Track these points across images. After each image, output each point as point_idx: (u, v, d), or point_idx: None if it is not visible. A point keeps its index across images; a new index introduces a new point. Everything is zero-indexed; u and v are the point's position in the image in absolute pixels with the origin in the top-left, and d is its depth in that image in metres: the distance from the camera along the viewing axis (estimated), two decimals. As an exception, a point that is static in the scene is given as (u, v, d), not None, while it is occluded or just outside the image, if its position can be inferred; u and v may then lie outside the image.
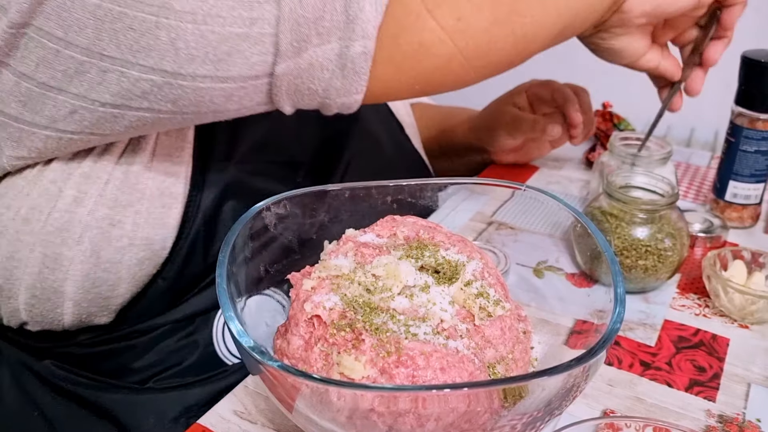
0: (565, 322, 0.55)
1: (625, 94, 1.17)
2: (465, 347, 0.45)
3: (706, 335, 0.62)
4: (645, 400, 0.54)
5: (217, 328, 0.64)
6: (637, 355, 0.59)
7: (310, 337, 0.44)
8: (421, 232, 0.54)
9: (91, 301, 0.58)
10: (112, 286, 0.58)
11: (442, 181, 0.59)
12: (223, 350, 0.64)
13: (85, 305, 0.58)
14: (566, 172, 0.97)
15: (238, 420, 0.51)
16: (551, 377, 0.40)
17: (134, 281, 0.58)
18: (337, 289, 0.46)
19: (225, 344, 0.64)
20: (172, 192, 0.58)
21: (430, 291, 0.47)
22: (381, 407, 0.39)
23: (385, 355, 0.41)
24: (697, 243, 0.76)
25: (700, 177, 0.95)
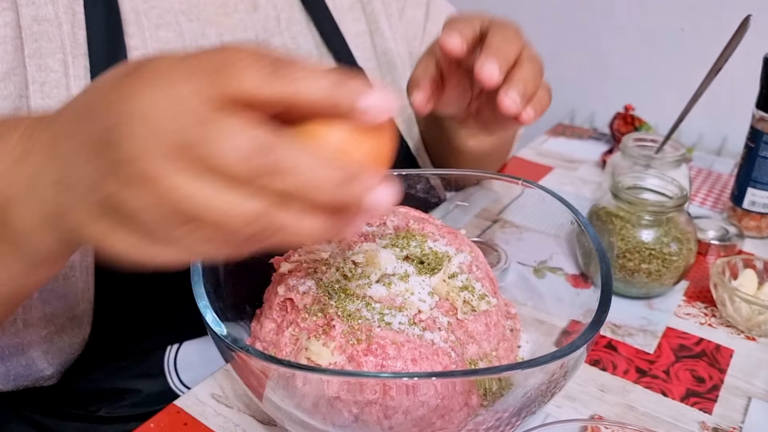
0: (559, 323, 0.53)
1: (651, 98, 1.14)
2: (442, 340, 0.43)
3: (709, 345, 0.59)
4: (637, 408, 0.52)
5: (168, 360, 0.63)
6: (633, 362, 0.57)
7: (282, 321, 0.43)
8: (411, 223, 0.53)
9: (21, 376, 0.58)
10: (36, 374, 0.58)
11: (437, 172, 0.58)
12: (175, 381, 0.63)
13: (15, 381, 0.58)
14: (581, 174, 0.94)
15: (214, 403, 0.51)
16: (524, 371, 0.38)
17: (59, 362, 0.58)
18: (314, 274, 0.45)
19: (177, 375, 0.63)
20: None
21: (410, 280, 0.45)
22: (346, 395, 0.38)
23: (354, 342, 0.40)
24: (710, 251, 0.73)
25: (720, 184, 0.92)
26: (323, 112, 0.29)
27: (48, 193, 0.32)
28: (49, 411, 0.63)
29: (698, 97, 0.71)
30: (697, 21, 1.12)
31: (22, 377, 0.57)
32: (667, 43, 1.16)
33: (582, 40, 1.24)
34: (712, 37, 1.15)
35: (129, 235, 0.29)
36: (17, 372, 0.57)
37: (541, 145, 1.06)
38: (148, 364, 0.62)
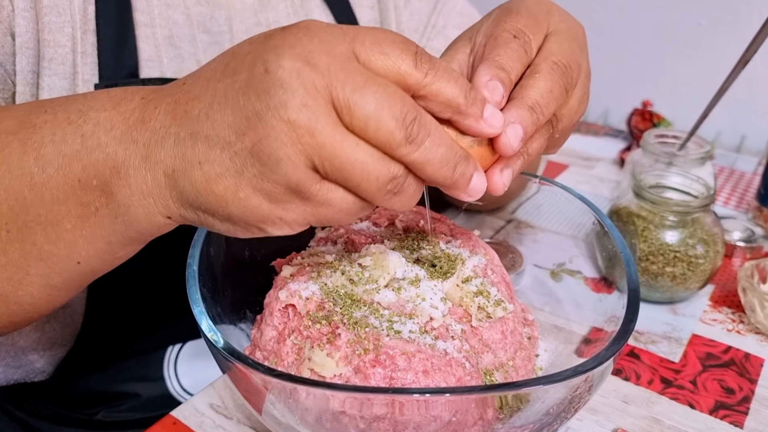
0: (579, 330, 0.50)
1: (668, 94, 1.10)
2: (456, 350, 0.40)
3: (738, 354, 0.56)
4: (663, 421, 0.49)
5: (168, 363, 0.61)
6: (657, 371, 0.53)
7: (284, 329, 0.40)
8: (422, 223, 0.49)
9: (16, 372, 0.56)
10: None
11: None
12: (175, 386, 0.61)
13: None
14: (598, 172, 0.91)
15: (213, 414, 0.48)
16: (547, 386, 0.35)
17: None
18: (318, 278, 0.42)
19: (177, 380, 0.61)
20: None
21: (421, 285, 0.42)
22: (352, 410, 0.35)
23: (361, 352, 0.37)
24: (736, 253, 0.69)
25: (744, 183, 0.88)
26: (446, 113, 0.32)
27: (172, 150, 0.31)
28: (46, 415, 0.61)
29: (723, 91, 0.68)
30: (716, 16, 1.09)
31: (12, 368, 0.55)
32: (684, 39, 1.12)
33: (595, 35, 1.21)
34: (731, 31, 1.12)
35: (262, 189, 0.29)
36: (6, 362, 0.55)
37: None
38: (147, 367, 0.60)
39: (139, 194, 0.32)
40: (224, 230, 0.32)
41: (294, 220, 0.31)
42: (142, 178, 0.32)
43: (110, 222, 0.34)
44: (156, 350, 0.60)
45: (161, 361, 0.60)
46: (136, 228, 0.34)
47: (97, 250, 0.36)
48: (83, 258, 0.36)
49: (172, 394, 0.60)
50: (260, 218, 0.30)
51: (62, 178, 0.34)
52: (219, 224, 0.32)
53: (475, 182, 0.33)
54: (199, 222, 0.33)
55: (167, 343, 0.60)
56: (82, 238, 0.35)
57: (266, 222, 0.31)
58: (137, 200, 0.33)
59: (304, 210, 0.30)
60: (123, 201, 0.33)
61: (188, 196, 0.31)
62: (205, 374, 0.60)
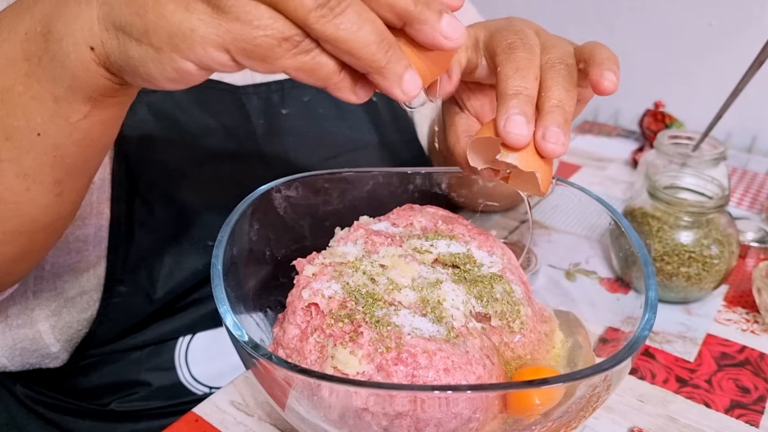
0: (594, 329, 0.51)
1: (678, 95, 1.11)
2: (477, 348, 0.41)
3: (753, 353, 0.56)
4: (678, 419, 0.49)
5: (179, 353, 0.61)
6: (673, 371, 0.54)
7: (307, 327, 0.41)
8: (440, 224, 0.50)
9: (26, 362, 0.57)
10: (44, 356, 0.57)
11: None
12: (186, 376, 0.61)
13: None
14: (610, 173, 0.91)
15: (234, 411, 0.48)
16: (566, 384, 0.36)
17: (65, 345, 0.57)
18: (340, 277, 0.42)
19: (188, 369, 0.61)
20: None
21: (442, 286, 0.43)
22: (375, 407, 0.36)
23: (383, 350, 0.38)
24: (750, 253, 0.70)
25: (757, 184, 0.88)
26: (394, 20, 0.30)
27: None
28: (61, 407, 0.62)
29: (738, 92, 0.68)
30: (727, 16, 1.09)
31: (28, 352, 0.56)
32: (695, 39, 1.12)
33: (607, 37, 1.21)
34: (742, 32, 1.12)
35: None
36: (23, 346, 0.56)
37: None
38: (159, 357, 0.61)
39: (72, 20, 0.32)
40: (138, 57, 0.31)
41: (205, 36, 0.29)
42: (77, 4, 0.32)
43: (50, 67, 0.34)
44: (167, 341, 0.61)
45: (172, 352, 0.61)
46: (69, 68, 0.34)
47: (50, 112, 0.36)
48: (41, 127, 0.36)
49: (184, 383, 0.61)
50: (173, 29, 0.29)
51: (13, 36, 0.35)
52: (135, 48, 0.31)
53: (410, 77, 0.31)
54: (118, 49, 0.32)
55: (178, 333, 0.61)
56: (33, 99, 0.35)
57: (178, 35, 0.29)
58: (69, 28, 0.33)
59: (218, 24, 0.29)
60: (56, 35, 0.33)
61: (114, 10, 0.31)
62: (215, 365, 0.61)
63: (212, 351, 0.61)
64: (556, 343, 0.49)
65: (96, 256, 0.54)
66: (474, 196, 0.59)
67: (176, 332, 0.61)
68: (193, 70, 0.31)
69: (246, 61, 0.30)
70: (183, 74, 0.31)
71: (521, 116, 0.38)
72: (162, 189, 0.57)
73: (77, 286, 0.55)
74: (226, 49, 0.29)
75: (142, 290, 0.57)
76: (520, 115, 0.38)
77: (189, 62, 0.30)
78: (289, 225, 0.51)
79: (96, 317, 0.56)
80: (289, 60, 0.29)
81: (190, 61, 0.30)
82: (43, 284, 0.54)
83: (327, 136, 0.67)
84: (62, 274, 0.54)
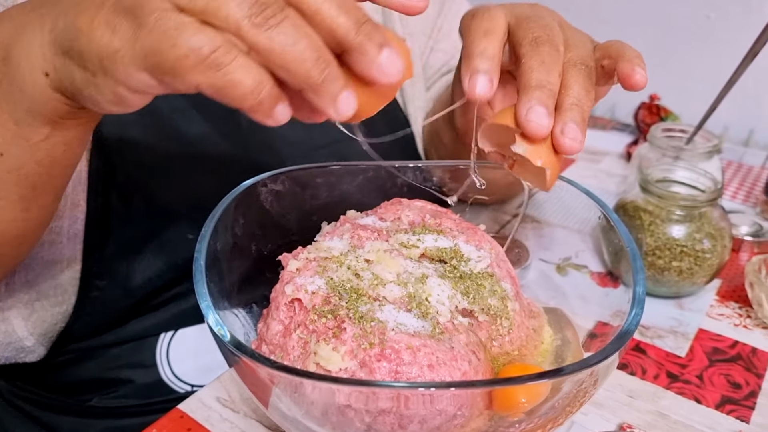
0: (584, 324, 0.50)
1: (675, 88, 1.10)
2: (462, 343, 0.40)
3: (744, 348, 0.56)
4: (668, 415, 0.49)
5: (161, 350, 0.61)
6: (664, 366, 0.53)
7: (290, 323, 0.40)
8: (428, 218, 0.49)
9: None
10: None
11: (453, 163, 0.55)
12: (168, 373, 0.61)
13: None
14: (605, 166, 0.91)
15: (220, 407, 0.48)
16: (552, 380, 0.35)
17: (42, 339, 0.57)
18: (324, 273, 0.42)
19: (170, 367, 0.61)
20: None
21: (428, 281, 0.42)
22: (358, 404, 0.35)
23: (367, 346, 0.37)
24: (743, 247, 0.69)
25: (752, 177, 0.88)
26: (333, 46, 0.29)
27: (67, 4, 0.32)
28: (42, 403, 0.61)
29: (732, 85, 0.67)
30: (724, 8, 1.08)
31: (2, 345, 0.56)
32: (692, 32, 1.12)
33: (602, 29, 1.20)
34: (740, 24, 1.11)
35: (110, 21, 0.29)
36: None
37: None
38: (140, 353, 0.60)
39: (28, 46, 0.33)
40: (81, 82, 0.32)
41: (125, 57, 0.28)
42: (32, 30, 0.33)
43: (9, 91, 0.35)
44: (148, 337, 0.61)
45: (153, 349, 0.61)
46: (27, 93, 0.34)
47: (11, 134, 0.36)
48: (3, 147, 0.37)
49: (165, 381, 0.61)
50: (102, 52, 0.29)
51: None
52: (78, 72, 0.31)
53: (345, 98, 0.30)
54: (66, 75, 0.32)
55: (159, 330, 0.61)
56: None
57: (105, 58, 0.29)
58: (24, 54, 0.33)
59: (135, 41, 0.28)
60: (14, 60, 0.34)
61: (60, 36, 0.32)
62: (197, 363, 0.61)
63: (194, 348, 0.61)
64: (545, 338, 0.49)
65: (71, 250, 0.54)
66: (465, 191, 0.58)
67: (157, 328, 0.60)
68: (126, 93, 0.30)
69: (161, 76, 0.28)
70: (120, 98, 0.31)
71: (544, 108, 0.39)
72: (141, 181, 0.56)
73: (51, 279, 0.54)
74: (144, 67, 0.28)
75: (120, 284, 0.57)
76: (543, 107, 0.39)
77: (120, 86, 0.30)
78: (275, 219, 0.51)
79: (72, 312, 0.56)
80: (199, 75, 0.27)
81: (121, 85, 0.30)
82: (15, 276, 0.53)
83: (313, 127, 0.66)
84: (34, 267, 0.54)
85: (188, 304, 0.61)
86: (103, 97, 0.31)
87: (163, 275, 0.58)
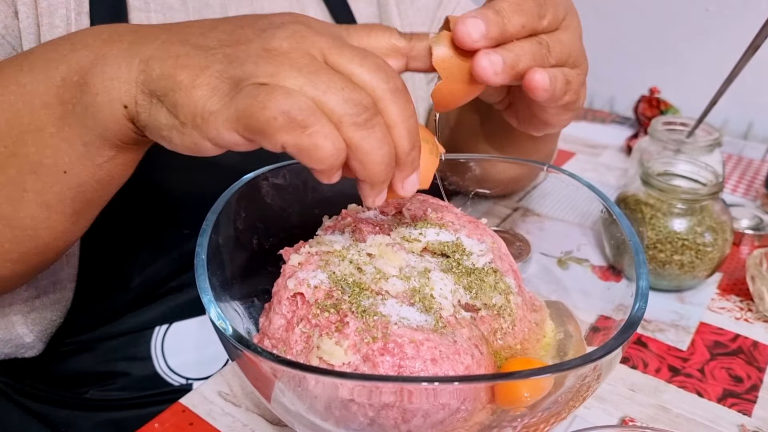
0: (586, 318, 0.50)
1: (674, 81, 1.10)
2: (465, 337, 0.40)
3: (746, 342, 0.56)
4: (670, 409, 0.49)
5: (155, 343, 0.61)
6: (665, 360, 0.53)
7: (292, 317, 0.40)
8: (429, 211, 0.49)
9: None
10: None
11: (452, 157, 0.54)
12: (163, 366, 0.61)
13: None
14: (605, 160, 0.91)
15: (221, 402, 0.48)
16: (555, 375, 0.35)
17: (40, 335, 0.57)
18: (326, 267, 0.42)
19: (165, 360, 0.61)
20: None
21: (430, 275, 0.42)
22: (361, 398, 0.35)
23: (370, 340, 0.37)
24: (744, 240, 0.69)
25: (752, 171, 0.88)
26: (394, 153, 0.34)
27: (157, 47, 0.34)
28: (39, 396, 0.61)
29: (733, 78, 0.67)
30: (724, 1, 1.08)
31: (2, 342, 0.56)
32: (691, 24, 1.11)
33: (602, 22, 1.20)
34: (739, 17, 1.11)
35: (214, 84, 0.31)
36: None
37: (562, 130, 1.02)
38: (135, 347, 0.61)
39: (109, 79, 0.35)
40: (165, 124, 0.34)
41: (219, 119, 0.31)
42: (117, 65, 0.35)
43: (83, 116, 0.36)
44: (143, 330, 0.61)
45: (148, 342, 0.61)
46: (101, 120, 0.36)
47: (78, 154, 0.38)
48: (68, 166, 0.38)
49: (160, 374, 0.61)
50: (197, 109, 0.31)
51: (49, 81, 0.37)
52: (164, 115, 0.33)
53: (383, 195, 0.35)
54: (148, 112, 0.34)
55: (154, 323, 0.61)
56: (63, 141, 0.37)
57: (199, 116, 0.31)
58: (106, 85, 0.35)
59: (231, 104, 0.31)
60: (93, 89, 0.35)
61: (152, 78, 0.33)
62: (191, 355, 0.61)
63: (188, 342, 0.61)
64: (547, 332, 0.49)
65: None
66: (466, 183, 0.58)
67: (152, 322, 0.60)
68: (209, 147, 0.33)
69: (251, 136, 0.31)
70: (200, 149, 0.33)
71: (483, 24, 0.37)
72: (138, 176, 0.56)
73: (50, 276, 0.54)
74: (235, 128, 0.31)
75: (117, 279, 0.57)
76: (484, 22, 0.37)
77: (206, 140, 0.32)
78: (276, 213, 0.51)
79: (71, 307, 0.56)
80: (285, 135, 0.30)
81: (207, 140, 0.32)
82: None
83: None
84: None
85: (183, 298, 0.61)
86: (183, 143, 0.34)
87: (160, 270, 0.59)
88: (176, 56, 0.33)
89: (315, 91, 0.30)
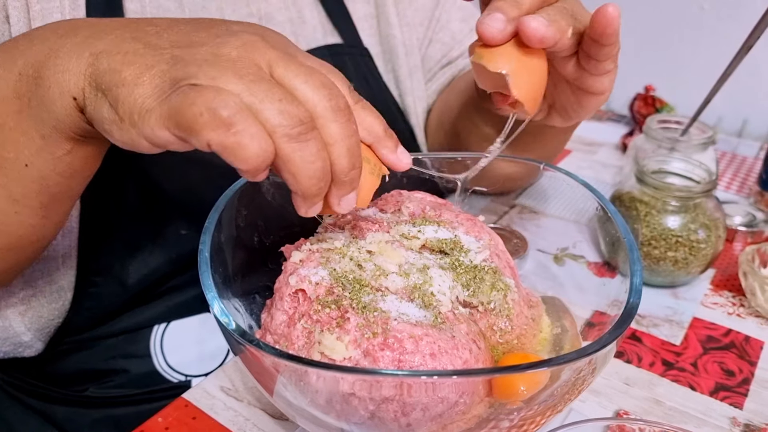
0: (582, 313, 0.51)
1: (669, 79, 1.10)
2: (463, 332, 0.41)
3: (738, 336, 0.57)
4: (664, 402, 0.50)
5: (154, 341, 0.61)
6: (659, 354, 0.54)
7: (294, 313, 0.41)
8: (428, 209, 0.50)
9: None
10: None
11: (451, 155, 0.55)
12: (162, 363, 0.62)
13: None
14: (600, 157, 0.92)
15: (224, 396, 0.49)
16: (551, 369, 0.36)
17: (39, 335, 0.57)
18: (327, 264, 0.42)
19: (164, 357, 0.62)
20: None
21: (429, 271, 0.43)
22: (362, 392, 0.36)
23: (370, 336, 0.38)
24: (737, 237, 0.70)
25: (746, 168, 0.89)
26: (368, 139, 0.38)
27: (110, 41, 0.34)
28: (38, 393, 0.62)
29: (727, 76, 0.68)
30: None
31: (0, 340, 0.56)
32: (686, 23, 1.12)
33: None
34: (733, 15, 1.12)
35: (157, 84, 0.31)
36: None
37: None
38: (134, 344, 0.61)
39: (60, 71, 0.35)
40: (106, 118, 0.34)
41: (153, 117, 0.31)
42: (68, 57, 0.35)
43: (38, 109, 0.37)
44: (142, 328, 0.61)
45: (147, 339, 0.61)
46: (54, 113, 0.36)
47: (37, 147, 0.39)
48: (29, 159, 0.39)
49: (159, 371, 0.62)
50: (135, 106, 0.32)
51: (8, 74, 0.38)
52: (106, 109, 0.34)
53: (318, 208, 0.35)
54: (92, 105, 0.35)
55: (153, 322, 0.62)
56: (23, 135, 0.38)
57: (136, 113, 0.32)
58: (57, 77, 0.35)
59: (165, 102, 0.31)
60: (46, 82, 0.36)
61: (99, 72, 0.34)
62: (190, 353, 0.62)
63: (187, 339, 0.62)
64: (543, 327, 0.49)
65: (66, 246, 0.54)
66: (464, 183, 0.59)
67: (151, 321, 0.61)
68: (145, 144, 0.33)
69: (179, 133, 0.31)
70: (137, 145, 0.34)
71: (500, 14, 0.40)
72: (135, 178, 0.57)
73: (47, 276, 0.55)
74: (166, 126, 0.31)
75: (115, 279, 0.57)
76: (500, 12, 0.40)
77: (142, 138, 0.33)
78: (277, 211, 0.51)
79: (70, 307, 0.56)
80: (211, 132, 0.30)
81: (143, 138, 0.32)
82: None
83: None
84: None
85: (181, 297, 0.61)
86: (122, 139, 0.34)
87: (158, 270, 0.59)
88: (125, 52, 0.33)
89: (252, 98, 0.30)
